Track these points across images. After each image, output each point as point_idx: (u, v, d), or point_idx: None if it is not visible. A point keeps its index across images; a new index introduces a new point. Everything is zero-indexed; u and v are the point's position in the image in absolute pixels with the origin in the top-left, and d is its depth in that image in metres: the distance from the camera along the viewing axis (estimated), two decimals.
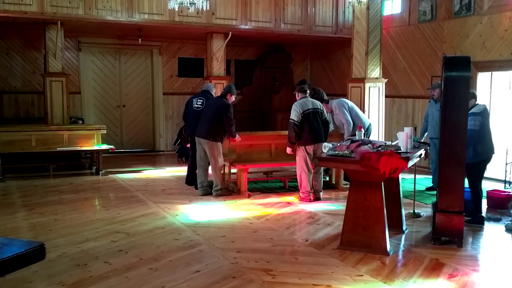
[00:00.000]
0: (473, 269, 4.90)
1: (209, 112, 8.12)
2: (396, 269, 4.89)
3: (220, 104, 8.12)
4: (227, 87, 8.47)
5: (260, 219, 6.74)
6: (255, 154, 8.69)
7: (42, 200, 7.83)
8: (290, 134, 7.73)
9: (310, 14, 12.29)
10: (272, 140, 8.88)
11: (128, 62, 13.46)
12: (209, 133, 8.00)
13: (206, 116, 8.14)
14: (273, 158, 8.80)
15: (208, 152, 8.07)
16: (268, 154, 8.81)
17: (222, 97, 8.30)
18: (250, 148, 8.68)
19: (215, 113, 8.03)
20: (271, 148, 8.84)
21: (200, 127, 8.15)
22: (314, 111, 7.79)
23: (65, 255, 5.20)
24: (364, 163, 5.13)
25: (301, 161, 7.77)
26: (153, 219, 6.71)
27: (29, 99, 12.15)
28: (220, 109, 8.03)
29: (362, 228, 5.33)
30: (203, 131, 8.07)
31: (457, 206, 5.54)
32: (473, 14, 9.78)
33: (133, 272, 4.75)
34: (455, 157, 5.50)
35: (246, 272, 4.74)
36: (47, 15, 9.89)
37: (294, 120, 7.69)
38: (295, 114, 7.70)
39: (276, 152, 8.77)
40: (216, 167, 8.06)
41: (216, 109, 8.05)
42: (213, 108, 8.11)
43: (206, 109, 8.29)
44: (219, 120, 7.99)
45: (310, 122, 7.70)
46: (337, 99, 9.05)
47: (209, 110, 8.17)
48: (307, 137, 7.69)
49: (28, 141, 9.71)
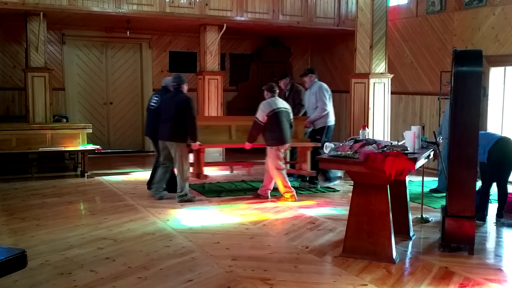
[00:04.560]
0: (486, 278, 4.90)
1: (169, 111, 7.84)
2: (402, 278, 4.90)
3: (180, 100, 7.86)
4: (177, 77, 8.14)
5: (257, 225, 6.74)
6: (212, 136, 8.80)
7: (23, 204, 7.81)
8: (253, 132, 7.94)
9: (311, 5, 12.29)
10: (232, 122, 9.12)
11: (116, 56, 13.45)
12: (173, 133, 7.81)
13: (167, 115, 7.86)
14: (233, 140, 8.99)
15: (175, 154, 7.86)
16: (227, 135, 8.97)
17: (177, 90, 8.00)
18: (208, 129, 8.75)
19: (176, 110, 7.78)
20: (230, 130, 8.99)
21: (163, 129, 7.90)
22: (284, 110, 7.95)
23: (48, 263, 5.19)
24: (368, 164, 5.13)
25: (274, 161, 7.87)
26: (143, 225, 6.70)
27: (10, 95, 12.12)
28: (180, 105, 7.80)
29: (366, 234, 5.33)
30: (166, 133, 7.86)
31: (468, 211, 5.54)
32: (485, 5, 9.80)
33: (120, 281, 4.74)
34: (466, 158, 5.51)
35: (242, 281, 4.74)
36: (28, 5, 9.87)
37: (258, 120, 7.83)
38: (260, 113, 7.85)
39: (237, 134, 8.93)
40: (183, 170, 7.90)
41: (176, 106, 7.80)
42: (173, 105, 7.84)
43: (164, 107, 7.97)
44: (181, 117, 7.78)
45: (280, 121, 7.83)
46: (322, 83, 9.18)
47: (168, 108, 7.87)
48: (279, 137, 7.84)
49: (8, 141, 9.68)
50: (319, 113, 8.82)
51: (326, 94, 8.93)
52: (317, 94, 8.89)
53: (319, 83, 9.10)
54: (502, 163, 6.69)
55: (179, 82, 8.02)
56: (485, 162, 6.61)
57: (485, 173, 6.81)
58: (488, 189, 6.85)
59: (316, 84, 9.05)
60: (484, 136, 6.59)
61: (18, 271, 2.57)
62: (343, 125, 13.64)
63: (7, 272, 2.47)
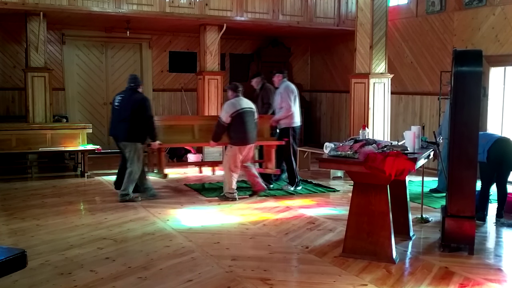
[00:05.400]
0: (486, 278, 4.90)
1: (125, 111, 7.83)
2: (402, 278, 4.90)
3: (136, 100, 7.85)
4: (134, 78, 8.14)
5: (257, 225, 6.74)
6: (176, 135, 8.86)
7: (23, 204, 7.81)
8: (217, 132, 7.96)
9: (311, 5, 12.29)
10: (195, 121, 9.24)
11: (116, 56, 13.45)
12: (129, 134, 7.81)
13: (122, 115, 7.86)
14: (196, 139, 9.08)
15: (128, 154, 7.86)
16: (190, 135, 9.02)
17: (133, 90, 7.98)
18: (171, 129, 8.82)
19: (131, 110, 7.77)
20: (193, 129, 9.03)
21: (119, 129, 7.89)
22: (249, 110, 7.94)
23: (48, 263, 5.19)
24: (368, 164, 5.13)
25: (230, 160, 7.89)
26: (142, 225, 6.70)
27: (9, 95, 12.12)
28: (136, 105, 7.79)
29: (366, 234, 5.33)
30: (121, 133, 7.87)
31: (468, 211, 5.54)
32: (485, 5, 9.80)
33: (120, 281, 4.74)
34: (466, 158, 5.51)
35: (242, 281, 4.74)
36: (28, 5, 9.88)
37: (222, 120, 7.84)
38: (224, 114, 7.86)
39: (200, 133, 8.96)
40: (133, 171, 7.88)
41: (132, 106, 7.79)
42: (129, 105, 7.82)
43: (121, 107, 7.95)
44: (136, 118, 7.76)
45: (244, 121, 7.84)
46: (289, 83, 9.08)
47: (124, 108, 7.86)
48: (242, 137, 7.86)
49: (8, 141, 9.68)
50: (284, 113, 8.75)
51: (291, 95, 8.79)
52: (282, 94, 8.84)
53: (286, 83, 8.96)
54: (502, 163, 6.69)
55: (136, 82, 8.06)
56: (484, 161, 6.62)
57: (484, 173, 6.81)
58: (488, 189, 6.85)
59: (283, 84, 8.94)
60: (484, 136, 6.59)
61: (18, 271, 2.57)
62: (343, 125, 13.67)
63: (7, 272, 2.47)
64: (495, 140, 6.72)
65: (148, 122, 7.85)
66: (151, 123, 7.90)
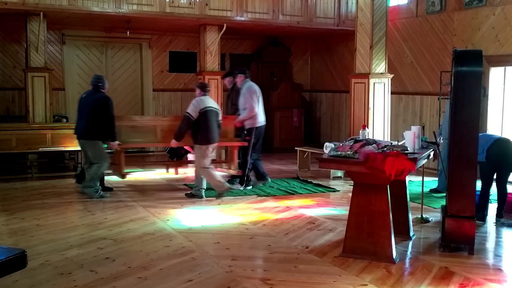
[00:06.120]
0: (486, 278, 4.90)
1: (86, 109, 7.95)
2: (402, 278, 4.90)
3: (98, 99, 7.95)
4: (98, 77, 8.23)
5: (257, 225, 6.74)
6: (137, 136, 8.97)
7: (23, 204, 7.82)
8: (182, 128, 7.95)
9: (311, 5, 12.29)
10: (158, 121, 9.34)
11: (116, 56, 13.45)
12: (88, 132, 7.89)
13: (83, 113, 7.98)
14: (158, 139, 9.16)
15: (91, 153, 7.96)
16: (152, 135, 9.09)
17: (97, 90, 8.07)
18: (132, 129, 8.90)
19: (93, 108, 7.86)
20: (155, 129, 9.11)
21: (79, 127, 8.01)
22: (214, 110, 8.01)
23: (48, 263, 5.19)
24: (368, 164, 5.13)
25: (202, 160, 7.94)
26: (142, 225, 6.70)
27: (10, 96, 12.11)
28: (97, 104, 7.88)
29: (366, 234, 5.33)
30: (81, 131, 7.95)
31: (468, 211, 5.54)
32: (485, 5, 9.80)
33: (120, 281, 4.74)
34: (466, 158, 5.51)
35: (241, 281, 4.74)
36: (28, 5, 9.87)
37: (190, 115, 7.84)
38: (193, 109, 7.86)
39: (162, 133, 9.02)
40: (99, 168, 8.00)
41: (93, 104, 7.88)
42: (90, 103, 7.93)
43: (83, 105, 8.08)
44: (97, 117, 7.85)
45: (210, 120, 7.90)
46: (252, 84, 9.08)
47: (86, 106, 7.98)
48: (207, 136, 7.90)
49: (8, 141, 9.68)
50: (247, 114, 8.76)
51: (254, 96, 8.78)
52: (245, 95, 8.83)
53: (249, 83, 8.97)
54: (501, 163, 6.69)
55: (101, 82, 8.13)
56: (484, 161, 6.61)
57: (484, 173, 6.81)
58: (488, 189, 6.85)
59: (245, 85, 8.94)
60: (483, 136, 6.59)
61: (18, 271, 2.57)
62: (343, 125, 13.67)
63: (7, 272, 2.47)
64: (495, 140, 6.72)
65: (108, 122, 7.90)
66: (111, 122, 7.95)
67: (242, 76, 9.00)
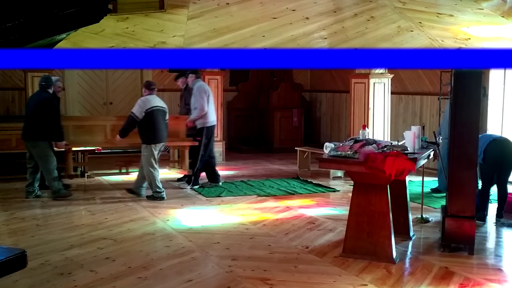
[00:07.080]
0: (486, 278, 4.90)
1: (29, 108, 7.93)
2: (402, 278, 4.90)
3: (41, 99, 7.89)
4: (46, 77, 8.15)
5: (257, 225, 6.74)
6: (87, 136, 9.00)
7: (23, 204, 7.81)
8: (126, 127, 8.00)
9: None
10: (107, 121, 9.38)
11: None
12: (29, 132, 7.84)
13: (27, 114, 7.96)
14: (109, 140, 9.16)
15: (34, 154, 7.89)
16: (102, 135, 9.14)
17: (43, 90, 8.01)
18: (81, 129, 8.94)
19: (35, 109, 7.81)
20: (105, 129, 9.15)
21: (23, 127, 7.94)
22: (161, 109, 8.02)
23: (48, 263, 5.19)
24: (368, 164, 5.13)
25: (149, 159, 7.93)
26: (142, 225, 6.70)
27: (10, 96, 12.12)
28: (40, 103, 7.83)
29: (366, 234, 5.33)
30: (24, 132, 7.90)
31: (468, 211, 5.55)
32: None
33: (120, 281, 4.74)
34: (466, 158, 5.51)
35: (242, 281, 4.74)
36: None
37: (135, 115, 7.86)
38: (138, 109, 7.88)
39: (112, 133, 9.01)
40: (47, 169, 7.91)
41: (36, 105, 7.84)
42: (34, 104, 7.88)
43: (27, 107, 8.07)
44: (40, 117, 7.78)
45: (157, 120, 7.92)
46: (202, 83, 9.17)
47: (29, 106, 7.96)
48: (154, 135, 7.92)
49: (8, 141, 9.65)
50: (198, 113, 8.77)
51: (204, 95, 8.80)
52: (195, 94, 8.84)
53: (199, 83, 9.01)
54: (500, 164, 6.68)
55: (46, 82, 8.04)
56: (481, 162, 6.60)
57: (484, 174, 6.81)
58: (488, 189, 6.85)
59: (196, 85, 8.96)
60: (482, 138, 6.58)
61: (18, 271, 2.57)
62: (343, 125, 13.66)
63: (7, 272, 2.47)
64: (491, 141, 6.70)
65: (53, 122, 7.84)
66: (55, 123, 7.89)
67: (193, 76, 9.07)
